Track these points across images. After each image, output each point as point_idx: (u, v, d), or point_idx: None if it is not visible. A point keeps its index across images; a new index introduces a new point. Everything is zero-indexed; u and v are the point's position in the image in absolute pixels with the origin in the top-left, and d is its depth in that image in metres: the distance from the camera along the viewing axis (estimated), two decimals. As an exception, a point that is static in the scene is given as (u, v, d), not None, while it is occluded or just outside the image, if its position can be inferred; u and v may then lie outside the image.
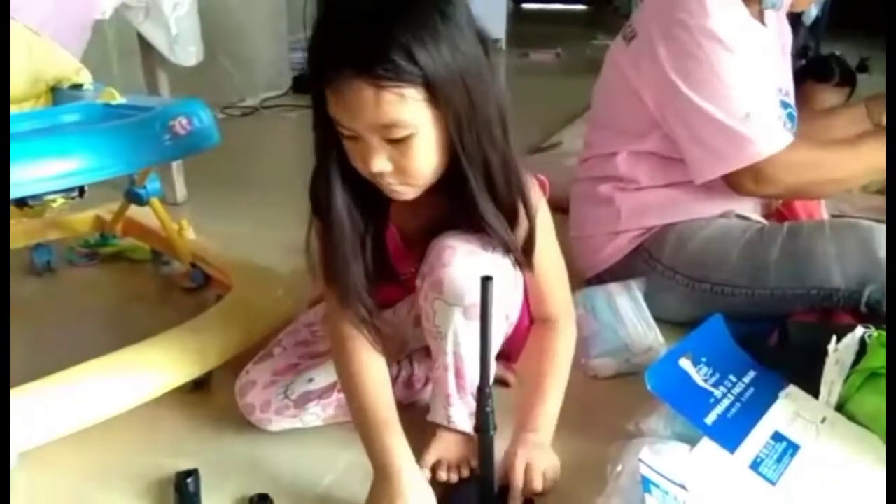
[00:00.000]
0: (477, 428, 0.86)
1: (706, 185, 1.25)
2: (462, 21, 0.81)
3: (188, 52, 1.91)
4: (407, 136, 0.82)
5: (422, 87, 0.79)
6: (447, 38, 0.79)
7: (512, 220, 0.91)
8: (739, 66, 1.19)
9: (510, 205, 0.90)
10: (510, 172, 0.88)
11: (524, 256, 0.94)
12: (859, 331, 1.03)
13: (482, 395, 0.84)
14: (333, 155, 0.87)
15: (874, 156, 1.21)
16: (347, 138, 0.84)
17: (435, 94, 0.80)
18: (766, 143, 1.18)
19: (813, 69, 1.64)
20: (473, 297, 0.88)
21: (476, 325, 0.90)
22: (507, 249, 0.92)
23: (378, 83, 0.78)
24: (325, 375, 1.05)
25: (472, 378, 0.95)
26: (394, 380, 1.10)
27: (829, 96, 1.78)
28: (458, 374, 0.95)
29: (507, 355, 1.09)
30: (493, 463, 0.89)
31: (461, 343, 0.93)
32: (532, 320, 1.07)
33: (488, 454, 0.87)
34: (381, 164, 0.83)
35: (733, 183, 1.22)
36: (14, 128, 1.15)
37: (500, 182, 0.87)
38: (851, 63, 2.10)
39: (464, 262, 0.89)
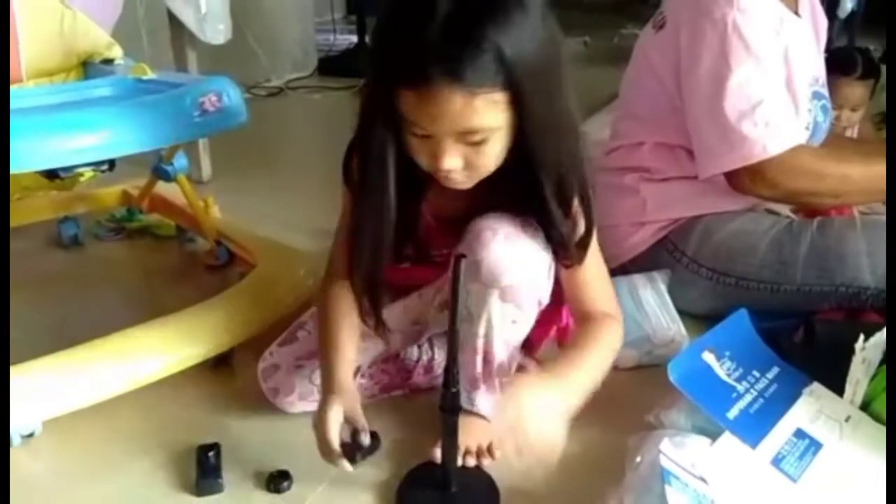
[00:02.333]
0: (442, 407, 0.84)
1: None
2: (539, 12, 0.76)
3: (217, 31, 1.92)
4: (485, 138, 0.79)
5: (508, 90, 0.75)
6: (530, 34, 0.75)
7: (567, 214, 0.89)
8: (754, 63, 1.15)
9: (569, 201, 0.88)
10: (576, 172, 0.86)
11: (577, 251, 0.92)
12: (888, 330, 1.02)
13: (449, 375, 0.83)
14: (390, 140, 0.82)
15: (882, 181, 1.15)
16: (415, 136, 0.81)
17: (519, 97, 0.76)
18: (766, 144, 1.13)
19: (836, 62, 1.60)
20: (511, 279, 0.88)
21: (511, 307, 0.90)
22: (559, 240, 0.90)
23: (471, 90, 0.73)
24: None
25: (501, 364, 0.95)
26: (414, 364, 1.12)
27: (854, 89, 1.75)
28: (487, 359, 0.95)
29: (529, 344, 1.08)
30: (457, 445, 0.88)
31: (494, 326, 0.92)
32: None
33: (452, 435, 0.86)
34: (452, 163, 0.80)
35: (731, 180, 1.19)
36: (46, 100, 1.17)
37: (565, 182, 0.86)
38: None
39: (504, 244, 0.88)
